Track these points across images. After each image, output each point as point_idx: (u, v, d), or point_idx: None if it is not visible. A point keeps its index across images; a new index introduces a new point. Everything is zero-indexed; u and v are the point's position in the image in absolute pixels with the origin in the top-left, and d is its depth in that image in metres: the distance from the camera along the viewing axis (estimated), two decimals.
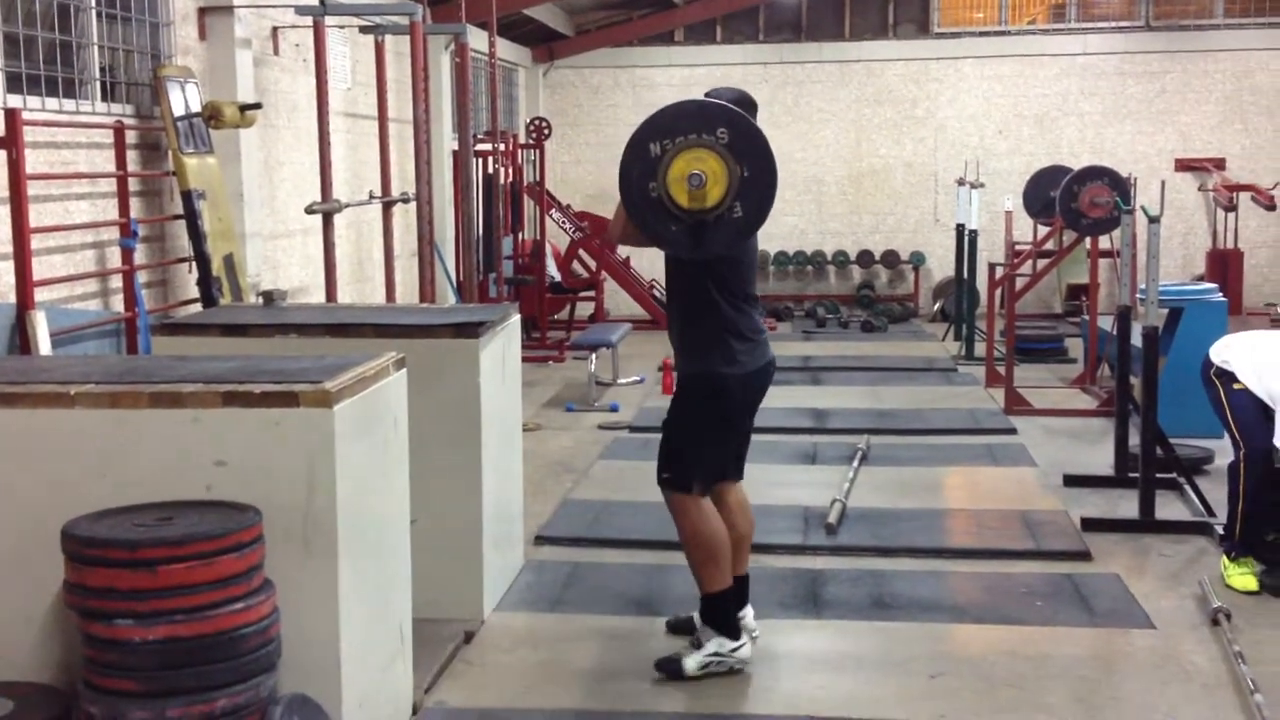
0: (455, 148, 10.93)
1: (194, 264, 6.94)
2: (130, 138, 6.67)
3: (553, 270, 12.90)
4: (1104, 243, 9.91)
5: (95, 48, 6.66)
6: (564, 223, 12.87)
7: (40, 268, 5.78)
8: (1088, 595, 5.12)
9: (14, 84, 5.97)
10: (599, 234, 12.66)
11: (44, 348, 5.53)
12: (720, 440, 4.39)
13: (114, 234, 6.51)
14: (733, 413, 4.36)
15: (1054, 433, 8.22)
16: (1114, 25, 14.46)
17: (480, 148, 11.13)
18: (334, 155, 8.07)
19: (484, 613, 4.86)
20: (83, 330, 6.16)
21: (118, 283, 6.58)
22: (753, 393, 4.39)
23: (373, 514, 3.63)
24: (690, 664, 4.33)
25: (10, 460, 3.32)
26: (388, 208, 8.98)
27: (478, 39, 10.89)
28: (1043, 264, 10.67)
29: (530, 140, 12.86)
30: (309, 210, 7.82)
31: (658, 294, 12.87)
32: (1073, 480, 6.84)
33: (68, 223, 6.22)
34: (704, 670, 4.33)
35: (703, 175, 3.94)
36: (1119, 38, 14.38)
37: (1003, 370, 9.22)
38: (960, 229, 12.07)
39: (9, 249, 5.60)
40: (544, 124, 12.89)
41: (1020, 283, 10.06)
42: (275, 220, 8.39)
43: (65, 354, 5.70)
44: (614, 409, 9.03)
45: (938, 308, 14.29)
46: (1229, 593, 5.09)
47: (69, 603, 3.05)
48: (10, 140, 5.44)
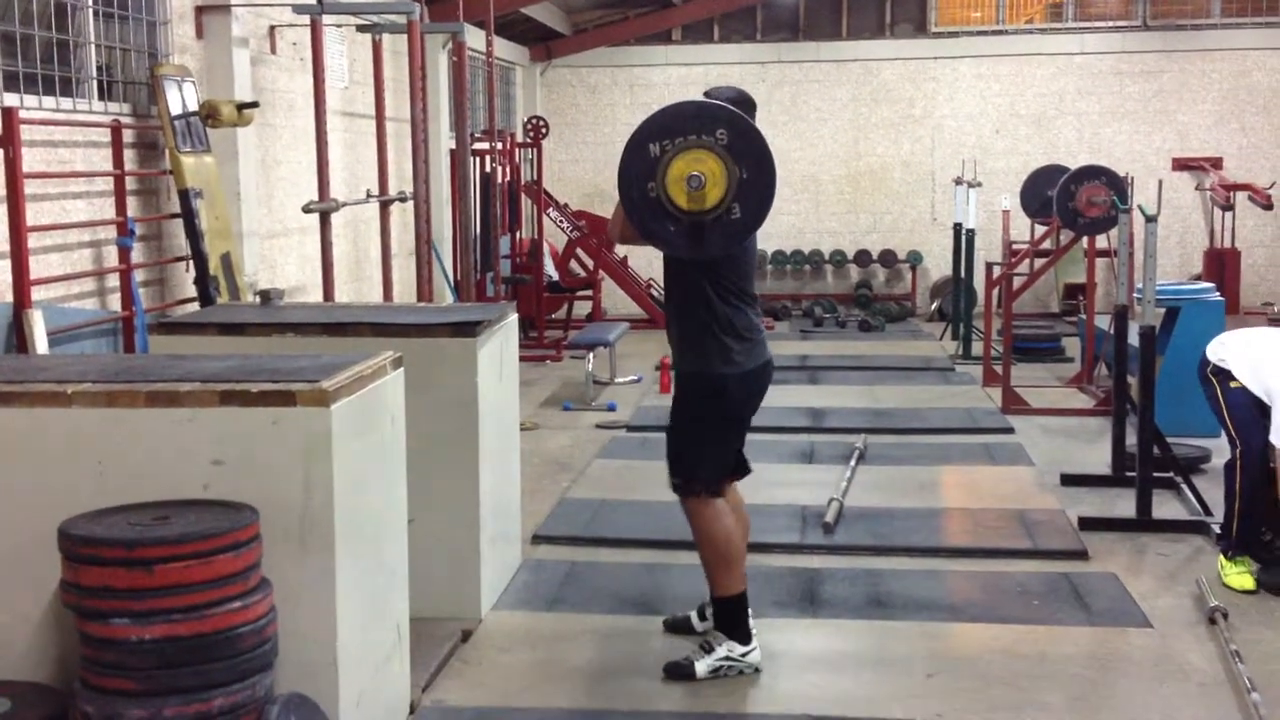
0: (453, 147, 10.93)
1: (191, 263, 6.94)
2: (127, 136, 6.67)
3: (550, 269, 12.89)
4: (1101, 242, 9.92)
5: (92, 46, 6.66)
6: (561, 222, 12.86)
7: (37, 266, 5.78)
8: (1085, 594, 5.12)
9: (11, 83, 5.97)
10: (596, 233, 12.66)
11: (41, 346, 5.53)
12: (723, 439, 4.38)
13: (111, 233, 6.51)
14: (733, 412, 4.35)
15: (1051, 432, 8.23)
16: (1111, 25, 14.47)
17: (478, 147, 11.14)
18: (331, 154, 8.07)
19: (481, 612, 4.85)
20: (80, 329, 6.15)
21: (115, 281, 6.58)
22: (752, 392, 4.37)
23: (370, 513, 3.62)
24: (701, 668, 4.31)
25: (7, 459, 3.32)
26: (385, 207, 8.97)
27: (475, 38, 10.88)
28: (1040, 263, 10.68)
29: (528, 139, 12.85)
30: (306, 209, 7.82)
31: (655, 293, 12.87)
32: (1070, 479, 6.84)
33: (65, 221, 6.22)
34: (714, 674, 4.31)
35: (702, 176, 3.93)
36: (1116, 37, 14.39)
37: (1000, 369, 9.22)
38: (958, 228, 12.06)
39: (6, 248, 5.60)
40: (541, 123, 12.89)
41: (1017, 282, 10.06)
42: (272, 219, 8.39)
43: (62, 353, 5.69)
44: (611, 408, 9.03)
45: (935, 307, 14.30)
46: (1226, 592, 5.09)
47: (66, 602, 3.04)
48: (7, 139, 5.44)
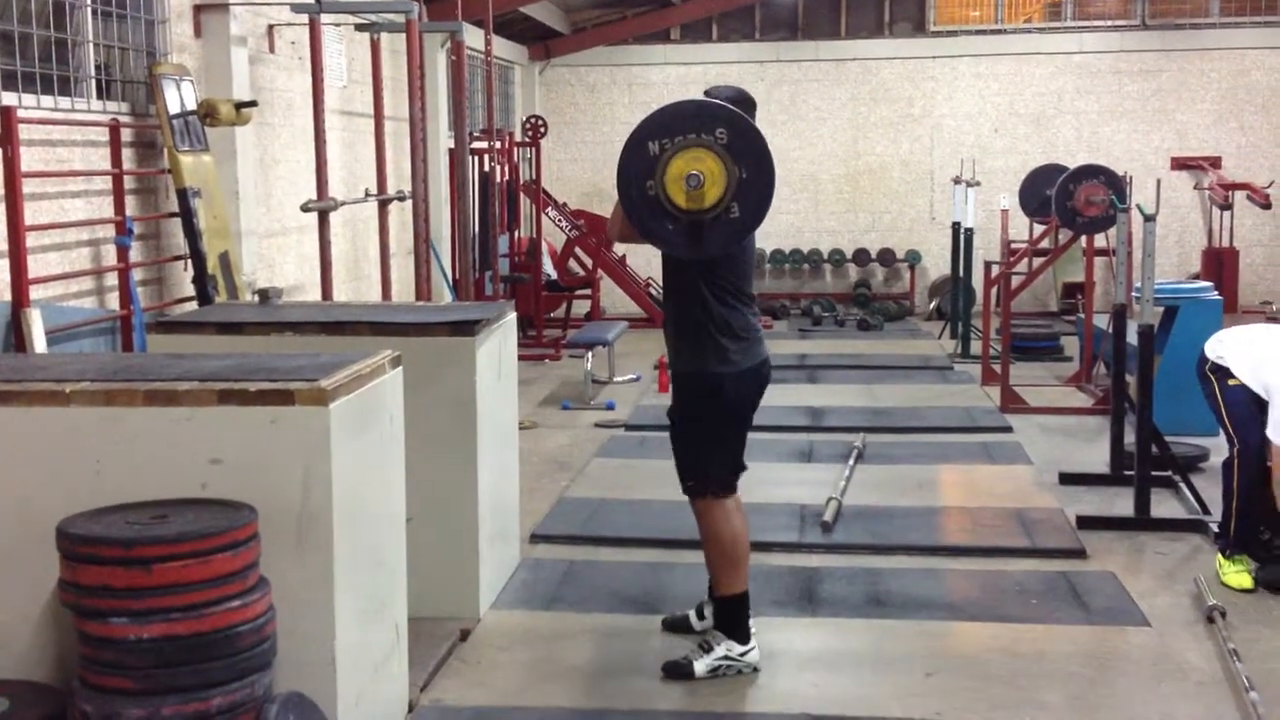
0: (451, 146, 10.93)
1: (189, 262, 6.94)
2: (125, 135, 6.67)
3: (549, 268, 12.89)
4: (1100, 241, 9.92)
5: (90, 45, 6.65)
6: (560, 221, 12.86)
7: (35, 265, 5.77)
8: (1083, 593, 5.13)
9: (9, 82, 5.97)
10: (595, 232, 12.65)
11: (39, 345, 5.53)
12: (726, 438, 4.37)
13: (109, 232, 6.50)
14: (731, 410, 4.34)
15: (1050, 431, 8.23)
16: (1110, 24, 14.47)
17: (476, 146, 11.13)
18: (330, 153, 8.07)
19: (480, 611, 4.85)
20: (78, 328, 6.15)
21: (113, 280, 6.57)
22: (749, 390, 4.37)
23: (368, 512, 3.62)
24: (700, 668, 4.31)
25: (5, 458, 3.31)
26: (384, 206, 8.97)
27: (474, 37, 10.88)
28: (1039, 262, 10.69)
29: (526, 138, 12.84)
30: (305, 208, 7.82)
31: (654, 292, 12.87)
32: (1068, 478, 6.84)
33: (63, 220, 6.21)
34: (713, 674, 4.32)
35: (701, 175, 3.93)
36: (1115, 36, 14.39)
37: (999, 368, 9.22)
38: (956, 227, 12.06)
39: (4, 247, 5.60)
40: (540, 122, 12.88)
41: (1016, 281, 10.07)
42: (271, 218, 8.38)
43: (60, 352, 5.69)
44: (610, 407, 9.03)
45: (934, 306, 14.29)
46: (1224, 590, 5.09)
47: (64, 601, 3.04)
48: (5, 138, 5.43)
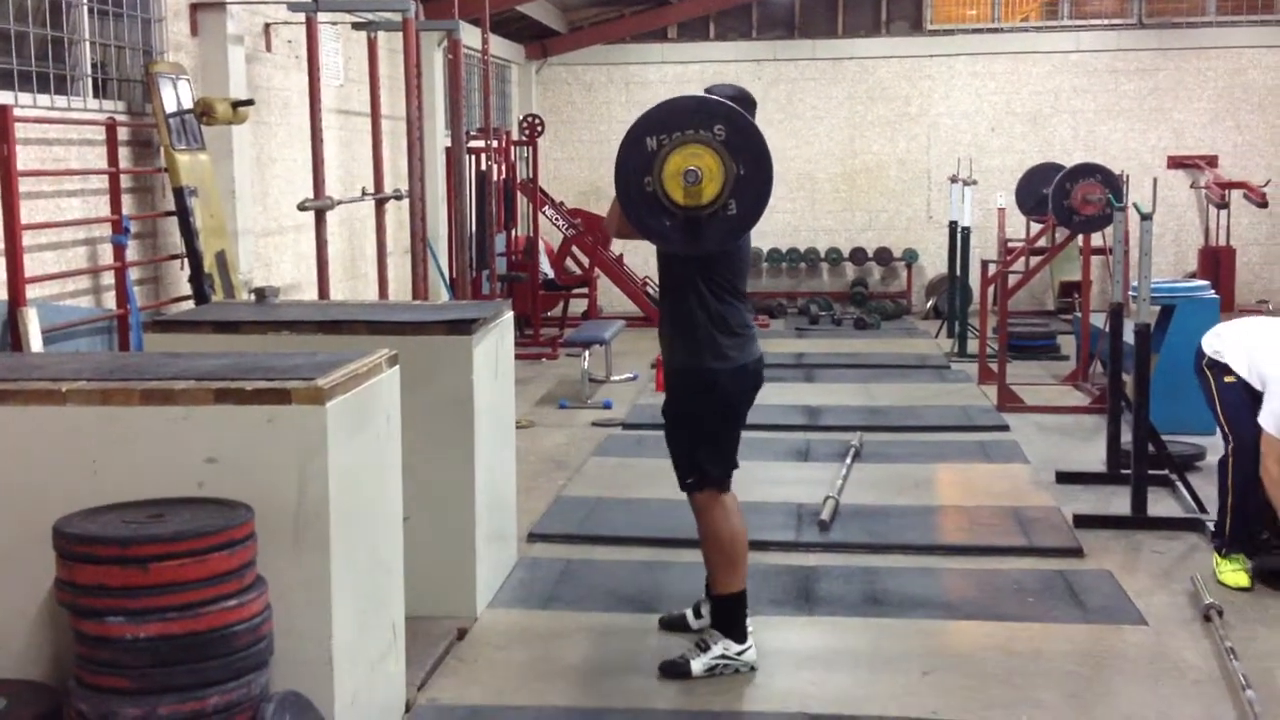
0: (448, 144, 10.92)
1: (186, 261, 6.92)
2: (122, 134, 6.66)
3: (546, 267, 12.88)
4: (1096, 240, 9.93)
5: (87, 44, 6.64)
6: (557, 220, 12.86)
7: (32, 264, 5.76)
8: (1080, 592, 5.13)
9: (5, 80, 5.96)
10: (592, 231, 12.65)
11: (35, 344, 5.52)
12: (721, 435, 4.37)
13: (106, 231, 6.49)
14: (726, 407, 4.35)
15: (1046, 429, 8.23)
16: (1106, 23, 14.48)
17: (473, 145, 11.12)
18: (326, 152, 8.06)
19: (477, 610, 4.85)
20: (74, 327, 6.14)
21: (109, 279, 6.56)
22: (744, 387, 4.37)
23: (365, 511, 3.62)
24: (697, 666, 4.31)
25: (1, 457, 3.31)
26: (380, 204, 8.96)
27: (470, 35, 10.87)
28: (1035, 261, 10.71)
29: (523, 137, 12.84)
30: (301, 207, 7.81)
31: (651, 291, 12.86)
32: (1065, 477, 6.85)
33: (59, 219, 6.20)
34: (710, 673, 4.32)
35: (698, 171, 3.92)
36: (1111, 35, 14.39)
37: (995, 367, 9.22)
38: (953, 226, 12.07)
39: (1, 246, 5.58)
40: (537, 121, 12.88)
41: (1013, 280, 10.07)
42: (267, 217, 8.38)
43: (57, 351, 5.68)
44: (607, 406, 9.02)
45: (931, 305, 14.30)
46: (1221, 589, 5.10)
47: (60, 600, 3.04)
48: (2, 137, 5.42)
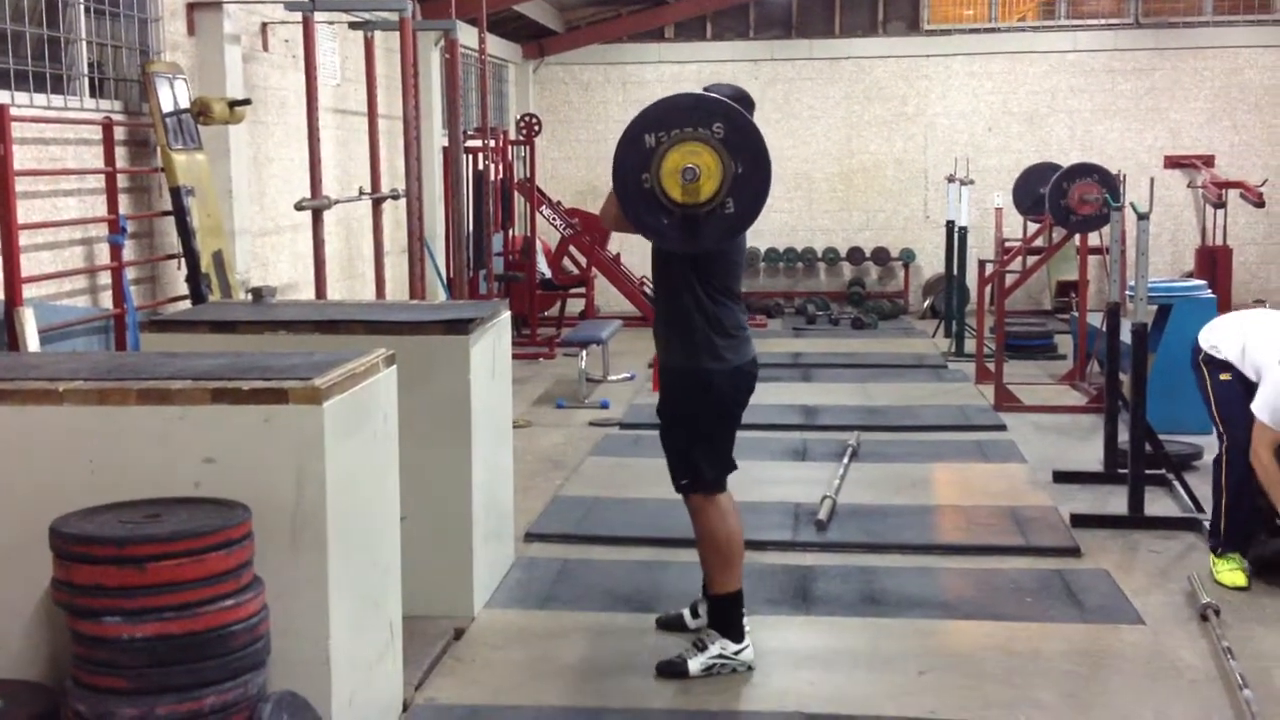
0: (445, 144, 10.91)
1: (183, 260, 6.91)
2: (119, 134, 6.65)
3: (543, 267, 12.88)
4: (1093, 239, 9.93)
5: (83, 43, 6.63)
6: (554, 219, 12.85)
7: (28, 264, 5.75)
8: (1077, 591, 5.13)
9: (2, 80, 5.95)
10: (589, 230, 12.65)
11: (32, 344, 5.51)
12: (716, 435, 4.37)
13: (102, 230, 6.48)
14: (721, 407, 4.35)
15: (1043, 429, 8.24)
16: (1103, 22, 14.48)
17: (470, 144, 11.12)
18: (323, 151, 8.05)
19: (474, 609, 4.85)
20: (71, 327, 6.13)
21: (106, 279, 6.55)
22: (739, 388, 4.37)
23: (362, 511, 3.61)
24: (694, 666, 4.31)
25: None
26: (377, 204, 8.96)
27: (467, 35, 10.87)
28: (1032, 261, 10.71)
29: (520, 137, 12.83)
30: (298, 206, 7.80)
31: (648, 290, 12.86)
32: (1062, 476, 6.85)
33: (56, 219, 6.19)
34: (707, 673, 4.31)
35: (697, 169, 3.92)
36: (1108, 35, 14.40)
37: (993, 367, 9.22)
38: (950, 226, 12.07)
39: None
40: (534, 120, 12.88)
41: (1010, 279, 10.08)
42: (264, 217, 8.37)
43: (53, 350, 5.67)
44: (604, 405, 9.02)
45: (928, 304, 14.30)
46: (1218, 589, 5.10)
47: (57, 600, 3.03)
48: None
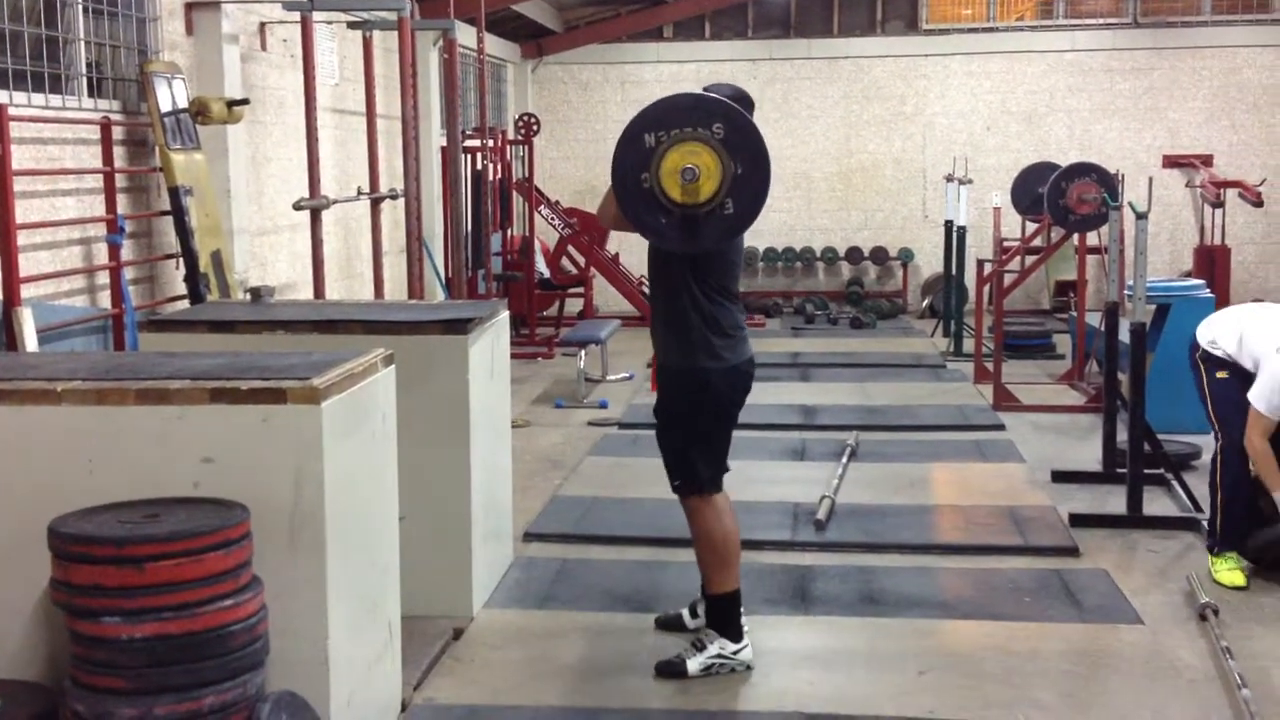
0: (444, 144, 10.90)
1: (181, 260, 6.91)
2: (117, 134, 6.65)
3: (541, 267, 12.88)
4: (1092, 239, 9.94)
5: (81, 43, 6.63)
6: (553, 219, 12.85)
7: (26, 264, 5.75)
8: (1076, 591, 5.13)
9: (0, 80, 5.94)
10: (588, 230, 12.64)
11: (30, 344, 5.51)
12: (713, 435, 4.37)
13: (101, 230, 6.48)
14: (718, 407, 4.35)
15: (1042, 429, 8.24)
16: (1102, 22, 14.48)
17: (469, 144, 11.12)
18: (322, 151, 8.04)
19: (473, 609, 4.85)
20: (69, 326, 6.13)
21: (104, 279, 6.55)
22: (736, 387, 4.37)
23: (361, 511, 3.61)
24: (693, 666, 4.31)
25: None
26: (376, 204, 8.96)
27: (466, 35, 10.86)
28: (1031, 260, 10.71)
29: (519, 136, 12.83)
30: (297, 206, 7.80)
31: (646, 290, 12.85)
32: (1061, 476, 6.85)
33: (54, 219, 6.19)
34: (706, 673, 4.31)
35: (696, 170, 3.92)
36: (1107, 34, 14.40)
37: (991, 366, 9.23)
38: (949, 225, 12.07)
39: None
40: (533, 120, 12.87)
41: (1008, 279, 10.08)
42: (263, 216, 8.36)
43: (52, 350, 5.67)
44: (603, 405, 9.03)
45: (926, 304, 14.31)
46: (1216, 588, 5.11)
47: (56, 600, 3.03)
48: None
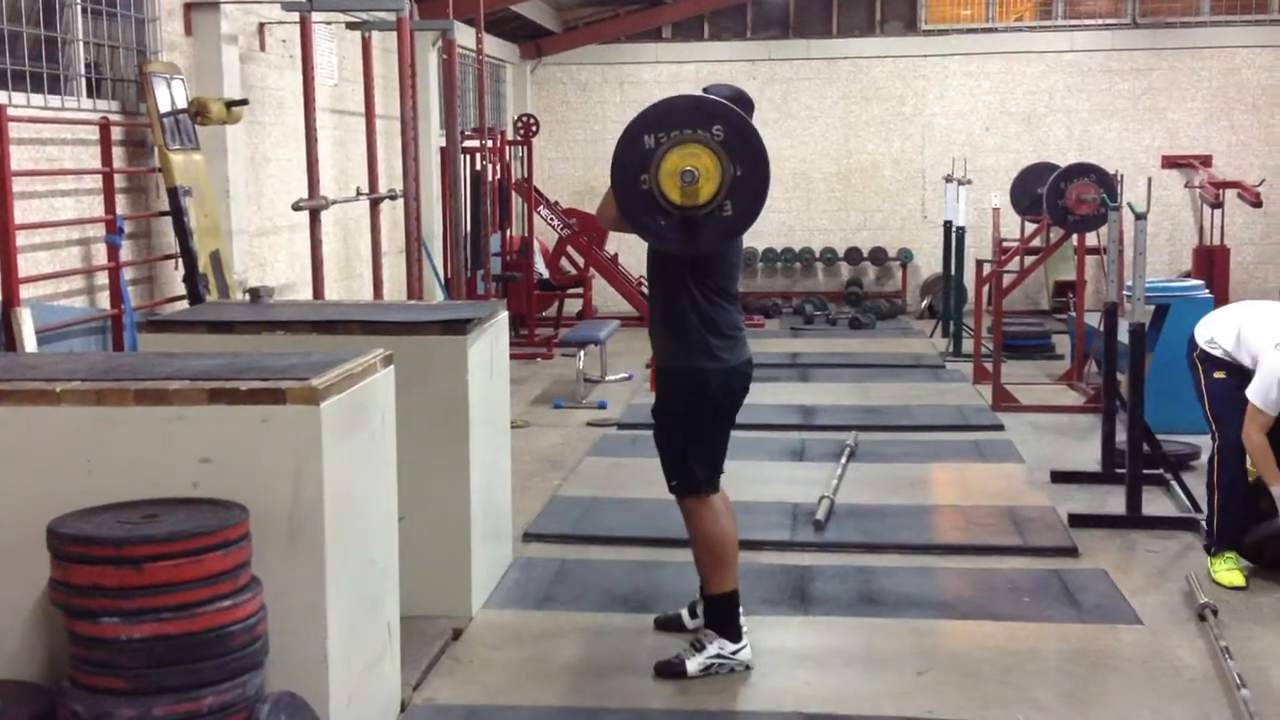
0: (443, 144, 10.90)
1: (180, 261, 6.91)
2: (116, 134, 6.65)
3: (540, 267, 12.88)
4: (1091, 239, 9.94)
5: (80, 43, 6.63)
6: (552, 219, 12.85)
7: (25, 264, 5.75)
8: (1075, 591, 5.13)
9: None
10: (587, 231, 12.65)
11: (29, 344, 5.51)
12: (710, 436, 4.37)
13: (100, 231, 6.48)
14: (716, 408, 4.34)
15: (1041, 429, 8.24)
16: (1101, 22, 14.49)
17: (468, 144, 11.12)
18: (321, 152, 8.04)
19: (472, 610, 4.85)
20: (68, 327, 6.13)
21: (103, 279, 6.55)
22: (734, 388, 4.37)
23: (360, 511, 3.61)
24: (692, 666, 4.31)
25: None
26: (375, 204, 8.96)
27: (465, 35, 10.86)
28: (1030, 261, 10.71)
29: (518, 137, 12.84)
30: (296, 207, 7.80)
31: (645, 291, 12.85)
32: (1060, 476, 6.86)
33: (53, 219, 6.19)
34: (705, 673, 4.31)
35: (695, 171, 3.92)
36: (1106, 35, 14.40)
37: (990, 367, 9.23)
38: (948, 226, 12.08)
39: None
40: (532, 121, 12.88)
41: (1007, 279, 10.09)
42: (262, 217, 8.36)
43: (51, 351, 5.67)
44: (602, 406, 9.03)
45: (925, 304, 14.31)
46: (1215, 588, 5.11)
47: (54, 600, 3.03)
48: None
